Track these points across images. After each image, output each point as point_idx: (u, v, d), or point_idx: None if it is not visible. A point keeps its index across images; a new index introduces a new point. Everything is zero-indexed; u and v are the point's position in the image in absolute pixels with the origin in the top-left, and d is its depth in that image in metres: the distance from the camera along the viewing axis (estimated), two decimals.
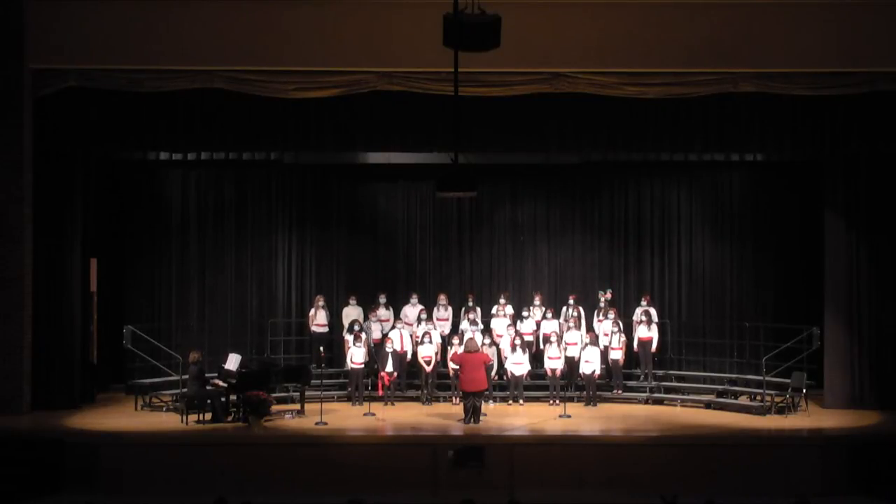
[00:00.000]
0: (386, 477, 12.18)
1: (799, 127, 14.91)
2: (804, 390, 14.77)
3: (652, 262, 17.66)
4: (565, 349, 15.65)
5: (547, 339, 15.79)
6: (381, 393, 15.46)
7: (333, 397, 15.58)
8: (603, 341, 15.93)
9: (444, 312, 16.69)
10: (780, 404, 14.67)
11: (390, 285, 17.43)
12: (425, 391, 15.66)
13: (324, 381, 15.56)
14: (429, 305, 16.69)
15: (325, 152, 16.25)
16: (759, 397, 15.05)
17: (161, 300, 17.25)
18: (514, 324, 16.13)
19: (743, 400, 15.50)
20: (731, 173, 17.38)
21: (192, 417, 13.85)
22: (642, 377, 16.31)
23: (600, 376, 15.76)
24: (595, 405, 15.40)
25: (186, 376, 14.25)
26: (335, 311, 16.88)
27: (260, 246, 17.58)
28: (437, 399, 15.83)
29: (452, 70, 10.81)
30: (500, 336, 16.02)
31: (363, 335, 15.65)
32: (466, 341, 14.60)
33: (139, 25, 14.22)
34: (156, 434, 13.33)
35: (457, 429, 13.74)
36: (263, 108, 14.76)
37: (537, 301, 16.70)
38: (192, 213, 17.42)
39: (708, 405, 15.48)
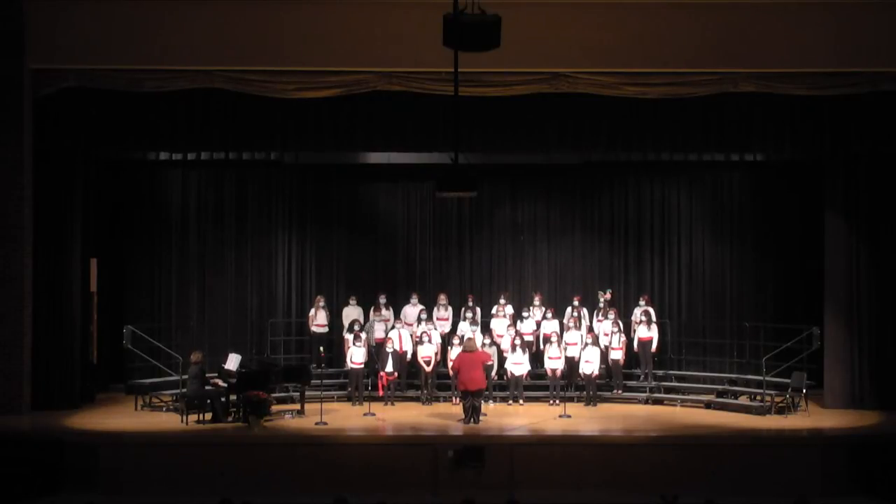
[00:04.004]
0: (386, 477, 12.19)
1: (799, 127, 14.93)
2: (804, 390, 14.76)
3: (652, 263, 17.66)
4: (565, 349, 15.65)
5: (547, 339, 15.79)
6: (381, 393, 15.45)
7: (333, 397, 15.60)
8: (603, 341, 15.92)
9: (444, 312, 16.67)
10: (780, 404, 14.67)
11: (390, 285, 17.40)
12: (425, 391, 15.66)
13: (324, 381, 15.55)
14: (429, 305, 16.67)
15: (325, 152, 16.22)
16: (759, 397, 15.04)
17: (161, 300, 17.25)
18: (514, 324, 16.13)
19: (743, 400, 15.48)
20: (731, 173, 17.37)
21: (192, 417, 13.84)
22: (642, 377, 16.30)
23: (600, 376, 15.76)
24: (595, 405, 15.40)
25: (186, 376, 14.24)
26: (335, 311, 16.89)
27: (260, 246, 17.58)
28: (437, 399, 15.82)
29: (452, 70, 10.80)
30: (500, 336, 16.02)
31: (363, 335, 15.64)
32: (465, 341, 14.60)
33: (139, 25, 14.20)
34: (156, 434, 13.31)
35: (457, 429, 13.74)
36: (263, 108, 14.77)
37: (537, 301, 16.69)
38: (192, 213, 17.42)
39: (708, 405, 15.46)
